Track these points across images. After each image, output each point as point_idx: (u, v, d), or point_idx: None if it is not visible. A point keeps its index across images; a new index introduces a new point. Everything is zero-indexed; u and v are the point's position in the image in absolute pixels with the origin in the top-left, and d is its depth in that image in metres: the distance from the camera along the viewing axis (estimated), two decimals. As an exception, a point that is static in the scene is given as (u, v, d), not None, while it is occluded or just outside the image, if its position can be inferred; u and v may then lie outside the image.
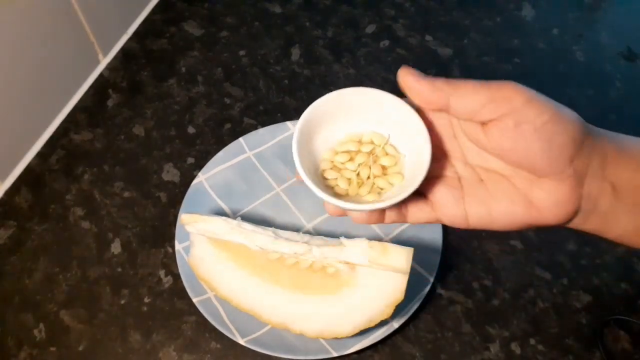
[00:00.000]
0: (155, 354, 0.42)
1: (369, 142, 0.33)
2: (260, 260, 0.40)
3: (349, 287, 0.38)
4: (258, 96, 0.58)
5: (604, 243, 0.48)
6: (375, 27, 0.65)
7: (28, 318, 0.44)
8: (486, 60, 0.61)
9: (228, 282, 0.40)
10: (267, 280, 0.40)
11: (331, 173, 0.32)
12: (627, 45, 0.63)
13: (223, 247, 0.41)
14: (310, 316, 0.38)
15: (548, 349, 0.42)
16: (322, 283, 0.38)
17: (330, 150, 0.33)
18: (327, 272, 0.39)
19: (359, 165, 0.33)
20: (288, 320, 0.38)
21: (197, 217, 0.41)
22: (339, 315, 0.37)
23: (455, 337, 0.43)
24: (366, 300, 0.37)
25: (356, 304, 0.37)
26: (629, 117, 0.56)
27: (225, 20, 0.65)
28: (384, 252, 0.36)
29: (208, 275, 0.41)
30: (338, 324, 0.37)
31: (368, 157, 0.33)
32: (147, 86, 0.58)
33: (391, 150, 0.33)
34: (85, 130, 0.55)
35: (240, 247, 0.41)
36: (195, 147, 0.54)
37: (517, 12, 0.67)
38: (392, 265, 0.35)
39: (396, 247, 0.36)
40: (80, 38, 0.56)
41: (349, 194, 0.32)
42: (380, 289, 0.36)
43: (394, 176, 0.33)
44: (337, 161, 0.33)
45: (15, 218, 0.49)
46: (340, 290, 0.38)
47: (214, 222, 0.41)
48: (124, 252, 0.47)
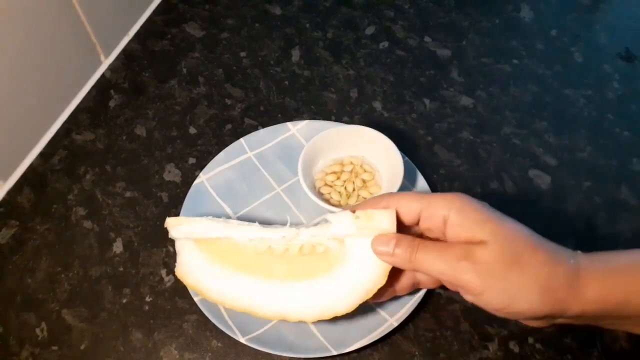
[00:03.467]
0: (157, 352, 0.42)
1: (348, 163, 0.49)
2: (249, 256, 0.40)
3: (340, 263, 0.37)
4: (259, 97, 0.58)
5: (604, 243, 0.49)
6: (374, 29, 0.65)
7: (30, 317, 0.44)
8: (485, 61, 0.62)
9: (218, 285, 0.39)
10: (258, 275, 0.39)
11: (325, 189, 0.48)
12: (625, 46, 0.63)
13: (210, 250, 0.40)
14: (307, 301, 0.38)
15: (546, 348, 0.42)
16: (314, 265, 0.38)
17: (322, 172, 0.49)
18: (317, 252, 0.38)
19: (344, 182, 0.48)
20: (285, 311, 0.38)
21: (182, 219, 0.41)
22: (336, 294, 0.37)
23: (454, 335, 0.43)
24: (360, 272, 0.37)
25: (350, 278, 0.37)
26: (627, 117, 0.57)
27: (226, 22, 0.65)
28: (369, 218, 0.36)
29: (197, 282, 0.40)
30: (336, 302, 0.37)
31: (350, 175, 0.48)
32: (149, 87, 0.59)
33: (368, 168, 0.49)
34: (87, 130, 0.55)
35: (228, 247, 0.40)
36: (197, 148, 0.54)
37: (515, 13, 0.67)
38: (379, 227, 0.36)
39: (379, 211, 0.36)
40: (82, 39, 0.56)
41: (341, 204, 0.46)
42: (371, 258, 0.36)
43: (373, 187, 0.48)
44: (327, 180, 0.48)
45: (17, 218, 0.49)
46: (332, 268, 0.37)
47: (199, 222, 0.41)
48: (125, 252, 0.47)
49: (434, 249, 0.33)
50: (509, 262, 0.31)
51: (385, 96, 0.58)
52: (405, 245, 0.34)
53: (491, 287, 0.31)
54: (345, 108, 0.57)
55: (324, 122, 0.53)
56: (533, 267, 0.30)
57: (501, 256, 0.31)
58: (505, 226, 0.32)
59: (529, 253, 0.31)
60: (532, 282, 0.30)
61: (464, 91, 0.59)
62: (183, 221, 0.41)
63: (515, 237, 0.31)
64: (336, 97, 0.58)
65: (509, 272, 0.30)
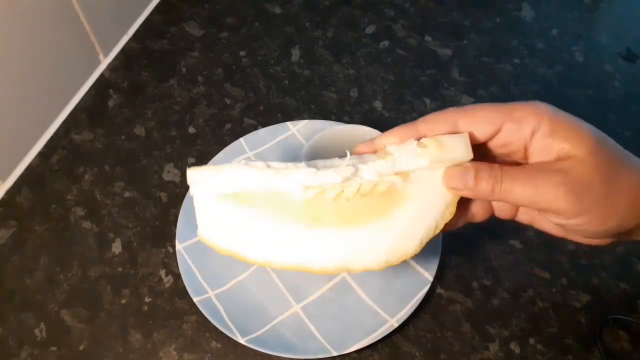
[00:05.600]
0: (156, 353, 0.42)
1: None
2: (295, 204, 0.32)
3: (404, 200, 0.32)
4: (258, 96, 0.58)
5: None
6: (375, 28, 0.65)
7: (29, 318, 0.44)
8: (486, 61, 0.61)
9: (261, 243, 0.32)
10: (310, 225, 0.32)
11: None
12: (626, 46, 0.63)
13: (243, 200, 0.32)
14: (370, 246, 0.32)
15: (547, 349, 0.42)
16: (374, 206, 0.32)
17: None
18: (378, 191, 0.32)
19: None
20: (346, 261, 0.33)
21: (208, 170, 0.32)
22: (401, 234, 0.32)
23: (454, 336, 0.43)
24: (426, 207, 0.32)
25: (416, 214, 0.32)
26: (628, 117, 0.56)
27: (226, 21, 0.65)
28: (441, 147, 0.30)
29: (232, 243, 0.32)
30: (403, 243, 0.32)
31: None
32: (148, 86, 0.59)
33: None
34: (86, 130, 0.55)
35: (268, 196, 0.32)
36: (196, 147, 0.54)
37: (516, 12, 0.67)
38: (453, 157, 0.30)
39: (451, 137, 0.30)
40: (81, 38, 0.56)
41: None
42: (438, 189, 0.32)
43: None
44: None
45: (16, 218, 0.49)
46: (394, 207, 0.32)
47: (230, 171, 0.32)
48: (124, 252, 0.47)
49: (521, 175, 0.29)
50: (605, 179, 0.28)
51: (385, 96, 0.58)
52: (487, 176, 0.29)
53: (589, 209, 0.28)
54: (346, 108, 0.57)
55: (324, 121, 0.53)
56: (626, 181, 0.28)
57: (598, 172, 0.28)
58: (599, 136, 0.28)
59: (623, 167, 0.28)
60: (625, 196, 0.28)
61: (464, 91, 0.59)
62: (209, 173, 0.31)
63: (610, 149, 0.28)
64: (336, 96, 0.58)
65: (606, 189, 0.28)
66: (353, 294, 0.44)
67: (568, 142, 0.28)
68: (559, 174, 0.28)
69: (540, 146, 0.29)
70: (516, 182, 0.29)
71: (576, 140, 0.28)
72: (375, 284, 0.44)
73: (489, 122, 0.29)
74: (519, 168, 0.29)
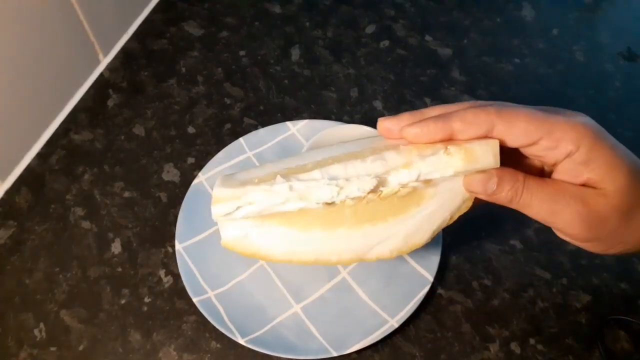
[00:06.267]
0: (156, 353, 0.42)
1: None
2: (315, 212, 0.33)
3: (422, 199, 0.33)
4: (258, 96, 0.58)
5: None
6: (375, 27, 0.65)
7: (28, 318, 0.44)
8: (486, 61, 0.61)
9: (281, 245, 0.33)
10: (327, 227, 0.33)
11: None
12: (627, 46, 0.63)
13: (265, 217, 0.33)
14: (383, 240, 0.33)
15: (548, 349, 0.42)
16: (392, 206, 0.33)
17: None
18: (399, 195, 0.33)
19: None
20: (361, 252, 0.34)
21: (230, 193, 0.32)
22: (417, 227, 0.33)
23: (455, 336, 0.43)
24: (443, 203, 0.32)
25: (434, 210, 0.33)
26: (628, 117, 0.56)
27: (226, 21, 0.65)
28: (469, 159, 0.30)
29: (254, 247, 0.34)
30: (415, 235, 0.33)
31: None
32: (148, 86, 0.58)
33: None
34: (85, 130, 0.55)
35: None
36: (196, 147, 0.54)
37: (517, 12, 0.67)
38: (479, 167, 0.30)
39: (480, 146, 0.30)
40: (81, 38, 0.56)
41: None
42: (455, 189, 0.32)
43: None
44: None
45: (15, 218, 0.49)
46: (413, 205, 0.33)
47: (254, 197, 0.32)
48: (124, 252, 0.47)
49: (541, 192, 0.28)
50: (623, 216, 0.28)
51: (385, 95, 0.58)
52: (509, 186, 0.29)
53: (599, 238, 0.29)
54: (346, 107, 0.57)
55: (324, 121, 0.53)
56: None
57: (619, 209, 0.28)
58: (633, 170, 0.28)
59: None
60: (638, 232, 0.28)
61: (465, 90, 0.59)
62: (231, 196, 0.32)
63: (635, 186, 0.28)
64: (336, 96, 0.58)
65: (621, 224, 0.28)
66: (353, 294, 0.44)
67: (599, 175, 0.28)
68: (579, 203, 0.28)
69: (570, 169, 0.28)
70: (535, 197, 0.28)
71: (609, 176, 0.28)
72: (375, 284, 0.44)
73: (526, 135, 0.28)
74: (541, 182, 0.29)
